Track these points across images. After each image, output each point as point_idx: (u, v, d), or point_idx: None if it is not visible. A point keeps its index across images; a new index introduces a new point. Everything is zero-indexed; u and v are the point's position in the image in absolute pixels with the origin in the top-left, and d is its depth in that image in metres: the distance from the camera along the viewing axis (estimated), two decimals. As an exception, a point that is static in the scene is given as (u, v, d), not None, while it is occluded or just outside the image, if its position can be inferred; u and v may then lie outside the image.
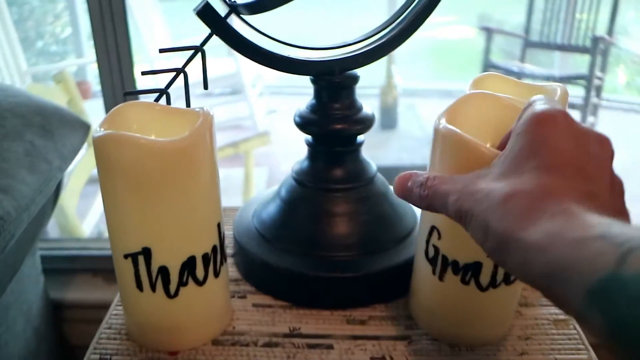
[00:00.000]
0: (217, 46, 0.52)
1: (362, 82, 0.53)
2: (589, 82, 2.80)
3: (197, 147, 0.41)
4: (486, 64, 3.23)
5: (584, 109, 2.78)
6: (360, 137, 0.53)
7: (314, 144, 0.53)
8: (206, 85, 0.47)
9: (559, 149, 0.29)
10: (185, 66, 0.46)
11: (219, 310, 0.48)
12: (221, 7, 0.46)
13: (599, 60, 3.06)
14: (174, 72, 0.46)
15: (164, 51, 0.46)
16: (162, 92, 0.46)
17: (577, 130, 0.30)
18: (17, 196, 0.64)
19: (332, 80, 0.50)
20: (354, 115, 0.51)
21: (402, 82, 3.23)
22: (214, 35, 0.46)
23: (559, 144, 0.30)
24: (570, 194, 0.28)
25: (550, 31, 3.28)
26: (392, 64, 2.97)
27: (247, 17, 0.47)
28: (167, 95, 0.46)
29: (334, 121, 0.51)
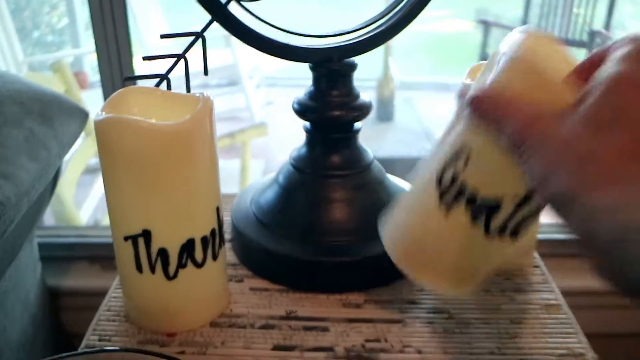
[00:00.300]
0: (214, 37, 0.53)
1: (359, 74, 0.53)
2: (585, 76, 2.80)
3: (197, 131, 0.41)
4: (483, 58, 3.24)
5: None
6: (357, 124, 0.54)
7: (312, 131, 0.54)
8: (206, 71, 0.47)
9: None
10: (185, 52, 0.46)
11: (217, 292, 0.49)
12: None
13: (595, 55, 3.07)
14: (174, 58, 0.47)
15: (165, 37, 0.47)
16: (162, 78, 0.46)
17: None
18: (17, 182, 0.64)
19: (331, 67, 0.51)
20: (351, 102, 0.52)
21: (399, 75, 3.23)
22: (215, 22, 0.47)
23: None
24: None
25: (547, 25, 3.29)
26: (390, 57, 2.98)
27: (247, 4, 0.48)
28: (167, 80, 0.46)
29: (332, 108, 0.52)
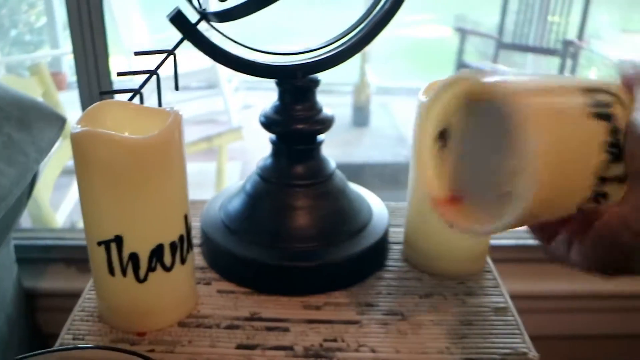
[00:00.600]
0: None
1: (335, 79, 0.57)
2: (557, 84, 2.86)
3: (167, 144, 0.44)
4: (459, 64, 3.30)
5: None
6: (320, 137, 0.57)
7: (278, 143, 0.57)
8: (177, 86, 0.50)
9: None
10: (157, 69, 0.49)
11: (185, 294, 0.52)
12: (193, 14, 0.50)
13: (569, 63, 3.15)
14: (147, 74, 0.50)
15: (139, 54, 0.50)
16: (135, 92, 0.49)
17: None
18: (-6, 187, 0.67)
19: (295, 83, 0.54)
20: (314, 116, 0.55)
21: (376, 81, 3.28)
22: (185, 40, 0.50)
23: None
24: None
25: (522, 33, 3.36)
26: (366, 63, 3.02)
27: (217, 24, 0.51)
28: (140, 95, 0.49)
29: (296, 121, 0.55)
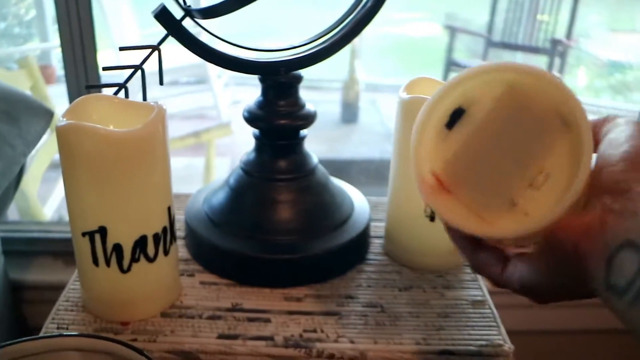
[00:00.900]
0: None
1: (324, 76, 0.58)
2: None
3: (151, 137, 0.45)
4: (449, 62, 3.32)
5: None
6: (303, 132, 0.58)
7: (261, 137, 0.58)
8: (161, 81, 0.51)
9: None
10: (142, 64, 0.50)
11: (168, 285, 0.53)
12: (177, 10, 0.51)
13: (557, 62, 3.18)
14: (132, 69, 0.50)
15: (124, 49, 0.51)
16: (121, 87, 0.50)
17: None
18: (-19, 178, 0.67)
19: (278, 79, 0.55)
20: (297, 111, 0.56)
21: (365, 77, 3.29)
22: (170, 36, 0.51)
23: None
24: None
25: (512, 32, 3.38)
26: (356, 60, 3.03)
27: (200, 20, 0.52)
28: (125, 89, 0.50)
29: (279, 117, 0.56)
